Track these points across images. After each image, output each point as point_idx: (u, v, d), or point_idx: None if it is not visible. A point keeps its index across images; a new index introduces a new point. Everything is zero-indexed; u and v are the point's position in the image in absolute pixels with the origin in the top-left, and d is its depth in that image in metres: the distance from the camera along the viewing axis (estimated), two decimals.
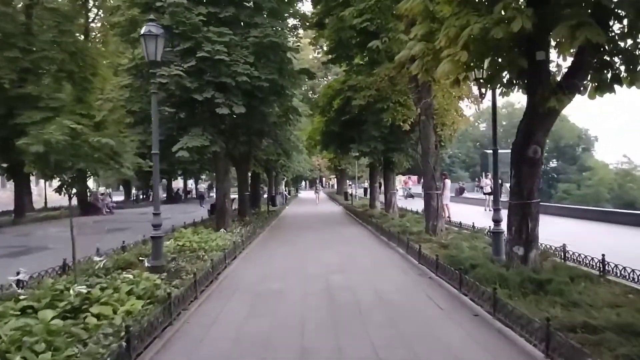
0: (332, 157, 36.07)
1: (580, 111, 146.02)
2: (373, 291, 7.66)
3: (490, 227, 14.15)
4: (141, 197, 51.91)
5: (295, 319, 6.14)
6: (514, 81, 8.25)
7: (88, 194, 31.82)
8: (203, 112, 15.48)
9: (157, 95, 10.29)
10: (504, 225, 9.12)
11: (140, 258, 10.19)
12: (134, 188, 49.14)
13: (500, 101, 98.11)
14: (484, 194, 26.92)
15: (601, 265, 8.30)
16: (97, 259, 8.53)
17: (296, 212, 30.91)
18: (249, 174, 28.91)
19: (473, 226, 14.71)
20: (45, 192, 33.86)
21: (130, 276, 7.47)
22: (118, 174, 36.93)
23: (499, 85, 8.56)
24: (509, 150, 8.94)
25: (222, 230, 15.07)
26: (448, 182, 23.39)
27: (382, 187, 26.71)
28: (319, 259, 11.18)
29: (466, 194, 43.19)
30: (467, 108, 68.74)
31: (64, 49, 23.52)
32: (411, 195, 46.71)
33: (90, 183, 52.32)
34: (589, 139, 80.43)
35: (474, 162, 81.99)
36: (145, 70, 14.72)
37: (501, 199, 10.06)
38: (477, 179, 58.14)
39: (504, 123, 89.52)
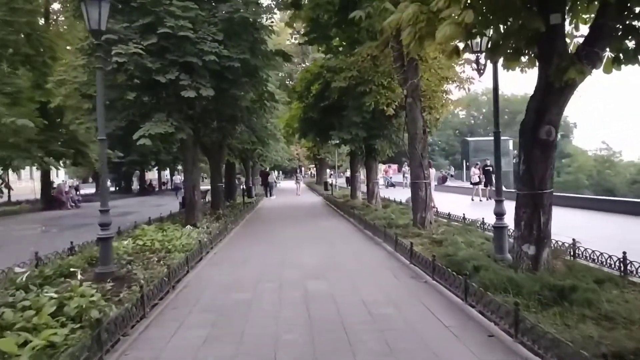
0: (311, 146, 34.65)
1: None
2: (360, 303, 6.37)
3: (482, 218, 13.15)
4: (114, 189, 50.02)
5: (265, 348, 4.83)
6: (523, 51, 7.01)
7: (52, 187, 29.94)
8: (168, 96, 13.96)
9: (102, 71, 8.82)
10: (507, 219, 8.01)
11: (89, 263, 8.80)
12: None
13: (480, 87, 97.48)
14: (471, 183, 25.86)
15: (622, 265, 7.17)
16: (18, 270, 7.01)
17: (274, 203, 29.50)
18: (223, 164, 27.47)
19: (464, 218, 13.57)
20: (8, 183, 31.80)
21: (70, 289, 6.06)
22: (86, 166, 35.22)
23: (502, 57, 7.31)
24: (490, 138, 7.73)
25: (188, 226, 13.64)
26: (433, 171, 22.43)
27: (364, 176, 25.52)
28: (297, 260, 9.85)
29: (449, 183, 42.34)
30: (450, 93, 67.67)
31: (18, 30, 21.58)
32: (392, 185, 45.70)
33: (61, 175, 50.15)
34: (568, 125, 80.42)
35: (454, 150, 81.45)
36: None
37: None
38: (473, 166, 57.44)
39: (484, 110, 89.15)
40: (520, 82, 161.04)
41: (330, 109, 22.29)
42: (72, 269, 7.81)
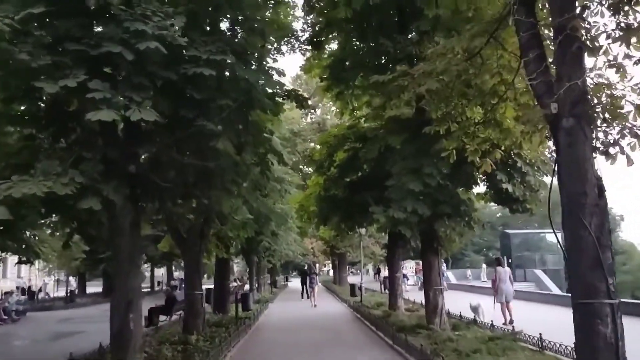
0: (334, 235, 27.30)
1: None
2: None
3: None
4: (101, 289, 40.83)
5: None
6: None
7: None
8: (62, 124, 7.30)
9: None
10: None
11: None
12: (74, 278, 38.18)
13: None
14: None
15: None
16: None
17: (281, 316, 21.45)
18: (213, 261, 20.32)
19: None
20: None
21: None
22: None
23: None
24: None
25: None
26: (502, 270, 15.26)
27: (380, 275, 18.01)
28: None
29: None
30: None
31: None
32: None
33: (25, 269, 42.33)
34: (614, 218, 72.34)
35: (487, 244, 73.16)
36: None
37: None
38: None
39: None
40: None
41: (361, 183, 16.06)
42: None
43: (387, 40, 10.50)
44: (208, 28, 8.65)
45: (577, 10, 6.07)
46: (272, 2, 11.55)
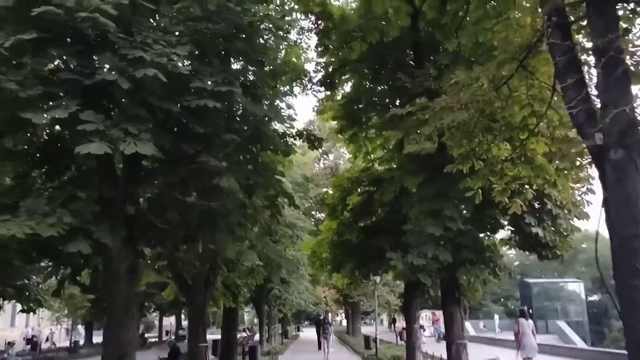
0: (347, 284, 26.19)
1: None
2: None
3: None
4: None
5: None
6: None
7: None
8: (61, 162, 6.71)
9: None
10: None
11: None
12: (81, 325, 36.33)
13: None
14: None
15: None
16: None
17: None
18: (220, 310, 19.35)
19: None
20: None
21: None
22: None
23: None
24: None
25: None
26: (525, 322, 14.13)
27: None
28: None
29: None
30: None
31: None
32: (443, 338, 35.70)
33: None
34: None
35: (506, 293, 70.69)
36: None
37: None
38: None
39: None
40: None
41: (376, 227, 15.27)
42: None
43: (404, 75, 9.99)
44: (217, 61, 8.18)
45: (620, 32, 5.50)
46: (285, 44, 11.27)
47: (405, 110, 7.14)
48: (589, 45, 6.09)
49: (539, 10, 6.22)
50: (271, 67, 9.20)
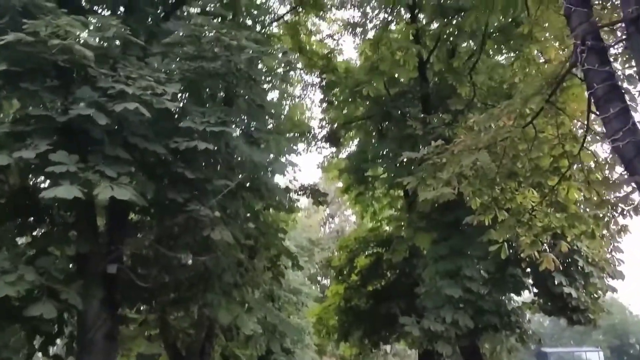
0: (355, 354, 24.42)
1: None
2: None
3: None
4: None
5: None
6: None
7: None
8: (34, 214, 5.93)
9: None
10: None
11: None
12: None
13: None
14: None
15: None
16: None
17: None
18: None
19: None
20: None
21: None
22: None
23: None
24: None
25: None
26: None
27: None
28: None
29: None
30: None
31: None
32: None
33: None
34: None
35: None
36: None
37: None
38: None
39: None
40: None
41: (386, 291, 14.68)
42: None
43: (415, 122, 9.33)
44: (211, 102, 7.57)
45: None
46: (289, 101, 10.90)
47: (420, 154, 6.44)
48: (628, 72, 5.43)
49: (567, 37, 5.61)
50: (275, 123, 8.69)
